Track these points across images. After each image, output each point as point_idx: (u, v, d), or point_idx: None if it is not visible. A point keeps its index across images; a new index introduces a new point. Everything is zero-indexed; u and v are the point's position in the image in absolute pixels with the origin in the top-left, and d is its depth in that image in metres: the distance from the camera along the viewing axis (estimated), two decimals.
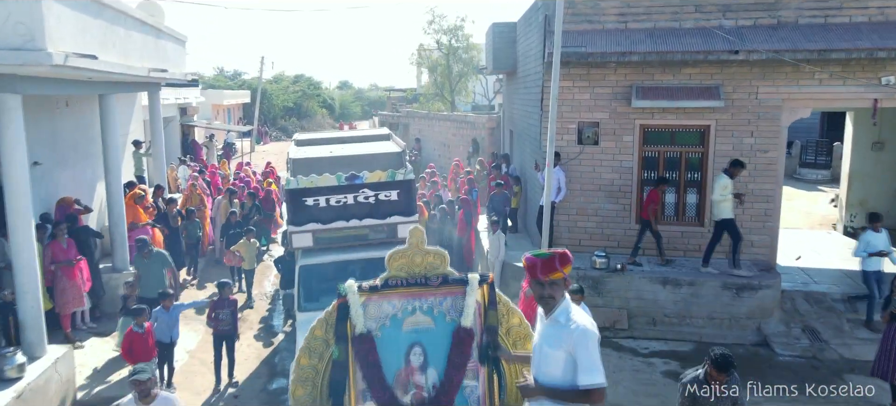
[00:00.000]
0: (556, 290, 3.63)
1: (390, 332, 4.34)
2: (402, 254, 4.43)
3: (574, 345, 3.53)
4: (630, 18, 10.86)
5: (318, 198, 8.39)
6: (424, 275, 4.41)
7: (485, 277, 4.47)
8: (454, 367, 4.30)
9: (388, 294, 4.36)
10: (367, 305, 4.31)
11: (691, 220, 11.13)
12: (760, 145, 10.60)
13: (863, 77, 9.99)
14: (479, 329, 4.39)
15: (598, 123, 11.05)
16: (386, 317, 4.36)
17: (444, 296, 4.41)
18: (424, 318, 4.40)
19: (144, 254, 9.18)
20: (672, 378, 8.71)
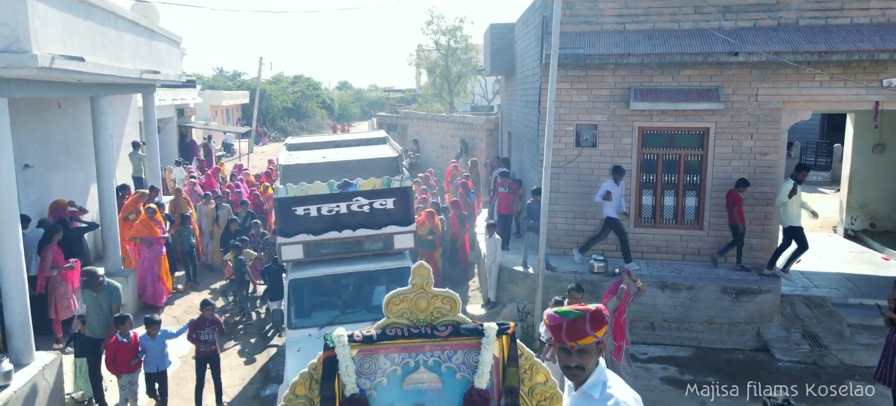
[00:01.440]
0: (589, 358, 2.92)
1: (388, 392, 3.69)
2: (403, 297, 3.72)
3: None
4: (628, 20, 10.74)
5: (309, 207, 7.87)
6: (431, 323, 3.72)
7: (505, 327, 3.76)
8: None
9: (386, 346, 3.67)
10: (361, 360, 3.64)
11: (690, 224, 11.01)
12: (760, 148, 10.48)
13: (864, 79, 9.87)
14: (495, 390, 3.72)
15: (596, 126, 10.93)
16: (383, 374, 3.70)
17: (454, 349, 3.72)
18: (430, 375, 3.72)
19: (94, 287, 7.69)
20: (671, 384, 8.61)
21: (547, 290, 9.48)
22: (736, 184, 10.25)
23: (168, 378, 7.92)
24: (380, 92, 71.13)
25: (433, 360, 3.68)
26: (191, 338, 7.87)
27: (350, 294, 7.96)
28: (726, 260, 10.71)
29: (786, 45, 9.86)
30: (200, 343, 7.83)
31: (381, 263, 7.83)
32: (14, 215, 6.97)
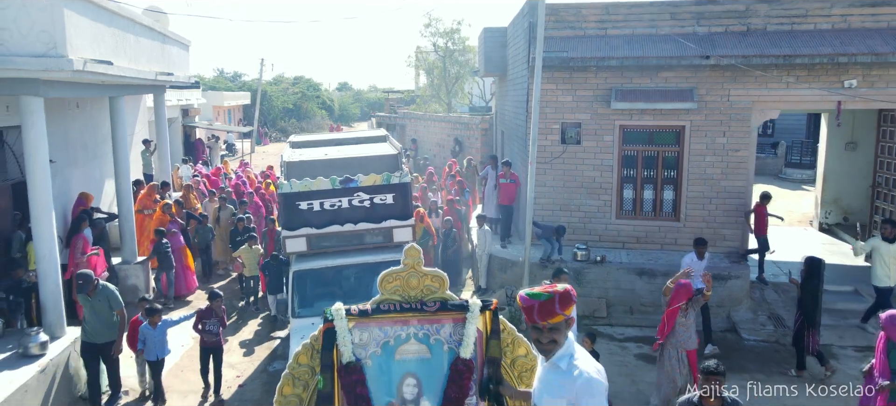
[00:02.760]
0: (559, 334, 3.19)
1: (381, 362, 4.01)
2: (396, 275, 4.06)
3: (578, 396, 3.12)
4: (610, 25, 11.52)
5: (312, 201, 8.14)
6: (421, 299, 4.04)
7: (488, 304, 4.08)
8: (451, 402, 3.97)
9: (379, 319, 4.00)
10: (357, 331, 3.96)
11: (668, 216, 11.78)
12: (732, 145, 11.25)
13: (827, 81, 10.64)
14: (479, 360, 4.04)
15: (580, 124, 11.70)
16: (377, 344, 4.01)
17: (441, 322, 4.03)
18: (419, 346, 4.03)
19: (89, 291, 7.42)
20: (643, 359, 9.38)
21: (534, 277, 10.24)
22: (760, 198, 11.18)
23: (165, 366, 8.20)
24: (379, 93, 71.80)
25: (423, 333, 3.99)
26: (196, 327, 8.18)
27: (351, 285, 8.28)
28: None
29: (754, 49, 10.64)
30: (205, 333, 8.10)
31: (380, 256, 8.04)
32: (48, 205, 7.74)
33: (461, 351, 3.95)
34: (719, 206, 11.40)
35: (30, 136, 7.49)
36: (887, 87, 10.46)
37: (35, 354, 7.19)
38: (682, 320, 7.46)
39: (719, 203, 11.39)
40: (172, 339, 8.53)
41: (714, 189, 11.38)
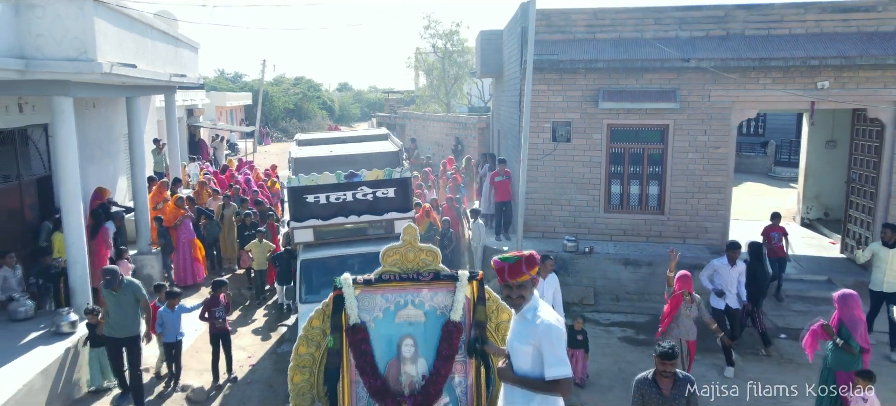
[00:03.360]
0: (526, 290, 3.74)
1: (383, 324, 4.55)
2: (396, 250, 4.65)
3: (540, 340, 3.66)
4: (597, 30, 12.20)
5: (318, 195, 8.60)
6: (417, 270, 4.60)
7: (474, 274, 4.63)
8: (443, 359, 4.51)
9: (381, 288, 4.57)
10: (362, 298, 4.52)
11: (653, 210, 12.45)
12: (713, 142, 11.93)
13: (801, 82, 11.31)
14: (467, 323, 4.57)
15: (570, 123, 12.37)
16: (379, 309, 4.56)
17: (435, 291, 4.58)
18: (416, 311, 4.58)
19: (115, 287, 7.50)
20: (626, 342, 10.06)
21: None
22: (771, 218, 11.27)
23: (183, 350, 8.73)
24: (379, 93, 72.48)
25: (419, 300, 4.59)
26: (203, 315, 8.55)
27: (354, 274, 9.04)
28: (685, 241, 12.13)
29: (732, 52, 11.32)
30: (214, 319, 8.48)
31: (382, 246, 8.81)
32: (77, 196, 8.43)
33: (452, 315, 4.55)
34: (701, 200, 12.08)
35: (60, 133, 8.17)
36: (857, 88, 11.13)
37: (66, 332, 7.88)
38: (685, 312, 7.81)
39: (701, 197, 12.07)
40: (187, 323, 9.15)
41: (696, 184, 12.06)
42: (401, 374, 4.60)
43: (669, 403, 5.12)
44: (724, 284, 8.84)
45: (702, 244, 12.03)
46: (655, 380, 5.16)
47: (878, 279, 9.27)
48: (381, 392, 4.44)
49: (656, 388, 5.13)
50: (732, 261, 8.77)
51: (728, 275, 8.75)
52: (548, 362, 3.65)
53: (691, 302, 7.83)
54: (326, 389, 4.53)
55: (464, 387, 4.66)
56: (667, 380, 5.12)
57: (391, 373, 4.56)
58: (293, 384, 4.65)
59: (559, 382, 3.66)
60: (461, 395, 4.63)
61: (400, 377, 4.59)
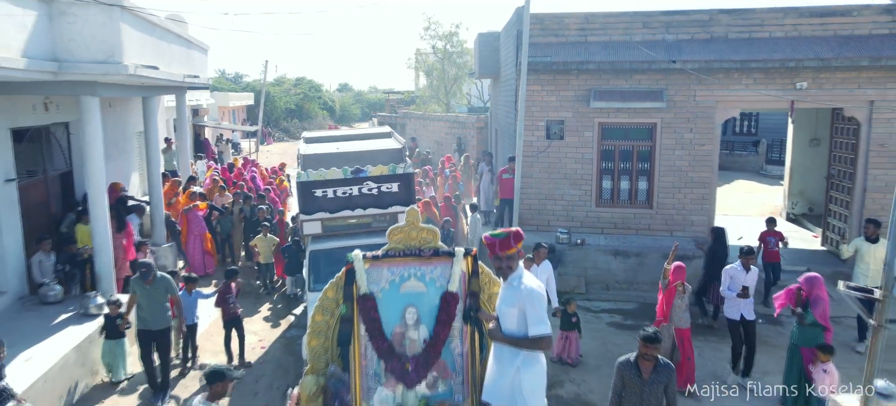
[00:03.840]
0: (513, 261, 4.39)
1: (389, 294, 5.05)
2: (400, 230, 5.18)
3: (524, 303, 4.26)
4: (589, 33, 12.85)
5: (326, 189, 9.04)
6: (419, 247, 5.12)
7: (469, 251, 5.15)
8: (441, 325, 5.02)
9: (387, 262, 5.10)
10: (370, 271, 5.04)
11: (642, 204, 13.09)
12: (698, 140, 12.56)
13: (781, 83, 11.95)
14: (463, 294, 5.06)
15: (563, 121, 13.01)
16: (386, 281, 5.06)
17: (434, 265, 5.09)
18: (418, 283, 5.08)
19: (149, 280, 7.86)
20: (614, 327, 10.71)
21: None
22: (766, 223, 11.51)
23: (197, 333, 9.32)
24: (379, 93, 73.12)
25: (420, 273, 5.14)
26: (218, 302, 9.07)
27: None
28: (673, 234, 12.78)
29: (716, 54, 11.96)
30: (227, 306, 9.02)
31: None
32: (102, 189, 9.07)
33: (449, 286, 5.11)
34: (687, 195, 12.72)
35: (88, 130, 8.82)
36: (834, 89, 11.77)
37: (93, 314, 8.52)
38: (678, 302, 8.09)
39: (687, 192, 12.71)
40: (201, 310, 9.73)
41: (682, 179, 12.70)
42: (405, 339, 5.17)
43: (648, 387, 5.37)
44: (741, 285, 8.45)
45: (688, 236, 12.66)
46: (637, 363, 5.41)
47: (859, 273, 9.49)
48: (387, 353, 5.04)
49: (636, 371, 5.39)
50: (746, 267, 8.48)
51: (744, 281, 8.47)
52: (531, 322, 4.26)
53: (683, 292, 8.11)
54: (339, 352, 5.13)
55: (460, 350, 5.22)
56: (648, 363, 5.36)
57: (396, 337, 5.13)
58: (310, 348, 5.23)
59: (541, 339, 4.28)
60: (458, 358, 5.18)
61: (404, 341, 5.16)
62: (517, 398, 4.42)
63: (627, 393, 5.43)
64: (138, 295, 7.92)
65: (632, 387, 5.38)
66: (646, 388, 5.33)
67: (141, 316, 7.94)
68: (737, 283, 8.46)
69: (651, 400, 5.35)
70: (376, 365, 5.18)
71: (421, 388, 5.14)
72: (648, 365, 5.35)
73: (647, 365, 5.35)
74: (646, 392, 5.34)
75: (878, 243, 9.32)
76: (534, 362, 4.47)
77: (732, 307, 8.48)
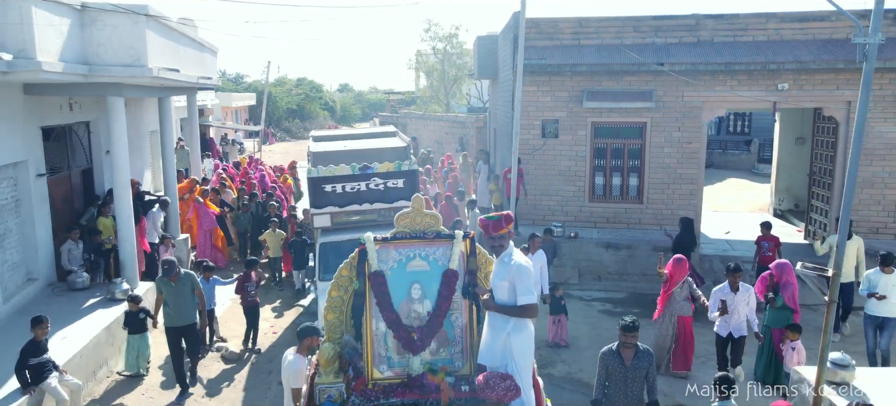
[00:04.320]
0: (504, 240, 4.88)
1: (396, 272, 5.50)
2: (406, 215, 5.70)
3: (513, 276, 4.78)
4: (582, 36, 13.51)
5: (335, 185, 9.42)
6: (423, 230, 5.54)
7: (467, 234, 5.69)
8: (443, 299, 5.47)
9: (395, 244, 5.54)
10: (380, 252, 5.49)
11: (632, 199, 13.76)
12: (686, 138, 13.23)
13: (763, 84, 12.62)
14: (462, 271, 5.47)
15: (557, 121, 13.67)
16: (394, 261, 5.50)
17: (436, 246, 5.53)
18: (422, 262, 5.54)
19: (173, 277, 8.08)
20: (605, 314, 11.38)
21: None
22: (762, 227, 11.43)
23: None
24: (380, 94, 73.71)
25: (424, 253, 5.59)
26: (238, 289, 9.62)
27: None
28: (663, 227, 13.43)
29: (702, 57, 12.63)
30: (247, 294, 9.58)
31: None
32: (127, 183, 9.73)
33: (450, 265, 5.60)
34: (676, 190, 13.39)
35: (114, 128, 9.50)
36: (814, 90, 12.44)
37: (119, 298, 9.18)
38: (677, 291, 8.52)
39: (676, 188, 13.38)
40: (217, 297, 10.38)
41: (671, 176, 13.37)
42: (410, 312, 5.70)
43: (631, 373, 5.68)
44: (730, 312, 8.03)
45: (677, 230, 13.30)
46: (619, 351, 5.76)
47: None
48: (395, 324, 5.60)
49: (619, 359, 5.74)
50: (733, 286, 8.03)
51: (732, 301, 8.01)
52: (519, 292, 4.85)
53: (683, 283, 8.51)
54: (353, 323, 5.65)
55: (460, 323, 5.75)
56: (628, 351, 5.71)
57: (403, 310, 5.64)
58: (326, 321, 5.78)
59: (528, 307, 4.86)
60: (457, 328, 5.71)
61: (410, 314, 5.71)
62: (508, 359, 5.04)
63: (612, 380, 5.81)
64: (165, 293, 8.09)
65: (616, 374, 5.76)
66: (629, 374, 5.71)
67: (168, 312, 8.10)
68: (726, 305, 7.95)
69: (634, 384, 5.76)
70: (385, 334, 5.75)
71: (425, 354, 5.67)
72: (629, 352, 5.71)
73: (628, 352, 5.72)
74: (629, 377, 5.74)
75: (851, 240, 9.71)
76: (522, 328, 5.09)
77: (721, 323, 8.15)
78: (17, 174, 9.11)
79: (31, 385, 6.59)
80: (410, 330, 5.70)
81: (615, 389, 5.80)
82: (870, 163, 12.49)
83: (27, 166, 9.22)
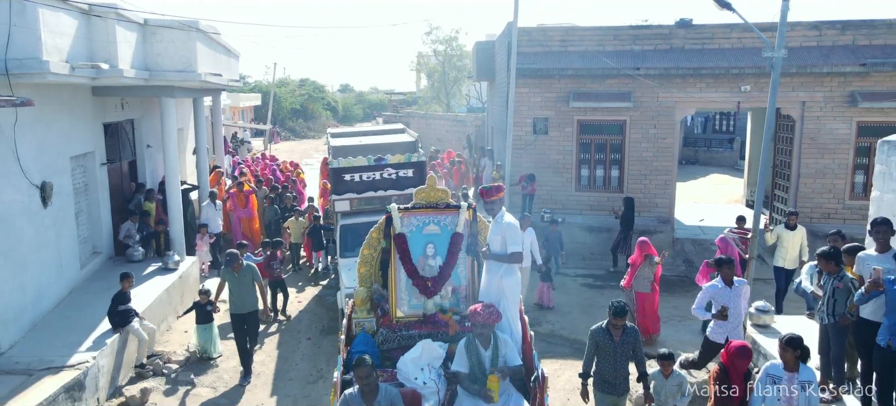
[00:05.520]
0: (497, 205, 6.28)
1: (415, 235, 6.78)
2: (422, 190, 6.90)
3: (504, 232, 6.10)
4: (569, 44, 15.18)
5: (353, 174, 10.69)
6: (435, 202, 6.82)
7: (470, 205, 6.77)
8: (451, 256, 6.73)
9: (414, 212, 6.84)
10: (402, 218, 6.76)
11: (614, 189, 15.43)
12: (661, 134, 14.90)
13: (728, 86, 14.30)
14: (466, 234, 6.75)
15: (547, 118, 15.33)
16: (413, 225, 6.75)
17: (446, 215, 6.81)
18: (435, 227, 6.84)
19: (235, 267, 8.70)
20: (586, 287, 13.04)
21: None
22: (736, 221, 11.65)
23: None
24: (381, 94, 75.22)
25: (436, 220, 7.08)
26: (264, 266, 10.68)
27: None
28: (640, 214, 15.09)
29: (674, 62, 14.30)
30: (272, 270, 10.95)
31: None
32: (176, 171, 11.39)
33: (456, 229, 7.10)
34: (653, 181, 15.06)
35: (167, 124, 11.16)
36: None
37: (171, 268, 10.85)
38: (642, 271, 9.52)
39: (652, 179, 15.04)
40: None
41: (648, 168, 15.04)
42: (425, 265, 7.17)
43: (620, 348, 6.35)
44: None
45: (653, 216, 15.00)
46: (608, 329, 6.39)
47: (779, 256, 10.59)
48: (414, 275, 7.08)
49: (609, 336, 6.37)
50: (727, 280, 7.32)
51: (728, 299, 7.27)
52: (509, 243, 6.36)
53: (650, 264, 9.42)
54: (380, 274, 7.19)
55: (464, 274, 7.29)
56: (617, 330, 6.35)
57: (420, 264, 7.10)
58: (360, 273, 7.27)
59: (514, 254, 6.36)
60: (462, 278, 7.23)
61: (425, 267, 7.19)
62: (501, 297, 6.61)
63: (601, 353, 6.45)
64: (229, 282, 8.80)
65: (605, 349, 6.40)
66: (618, 349, 6.37)
67: (232, 300, 8.81)
68: (717, 302, 7.26)
69: (622, 359, 6.43)
70: (406, 282, 7.28)
71: (436, 298, 7.20)
72: (618, 331, 6.35)
73: (617, 331, 6.35)
74: (618, 352, 6.40)
75: (796, 230, 10.55)
76: (511, 272, 6.65)
77: (717, 330, 7.35)
78: (86, 163, 10.75)
79: (119, 326, 8.26)
80: (425, 279, 7.14)
81: (604, 363, 6.45)
82: (821, 156, 14.17)
83: (94, 156, 10.87)
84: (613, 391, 6.46)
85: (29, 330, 8.20)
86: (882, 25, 13.94)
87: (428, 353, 6.30)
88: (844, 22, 14.11)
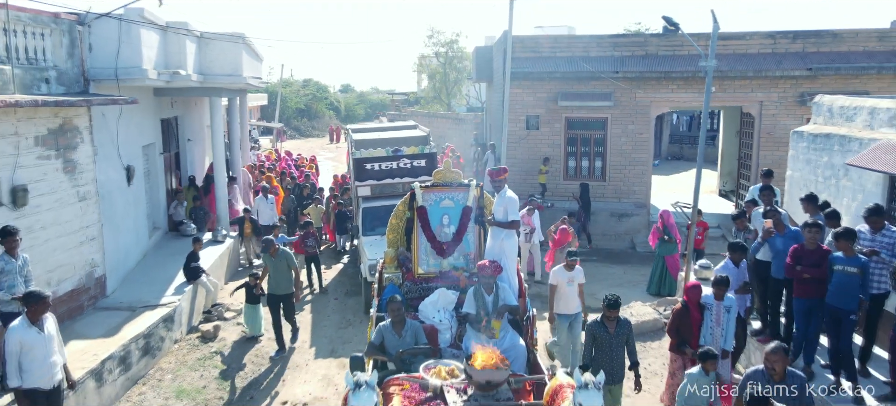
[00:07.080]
0: (502, 183, 7.31)
1: (433, 207, 7.93)
2: (440, 172, 8.19)
3: (506, 204, 7.14)
4: (557, 50, 17.25)
5: (373, 164, 12.23)
6: (450, 181, 8.01)
7: (478, 184, 8.07)
8: (462, 225, 7.89)
9: (433, 189, 8.00)
10: (424, 194, 7.92)
11: (598, 178, 17.49)
12: (638, 130, 16.95)
13: (696, 88, 16.33)
14: (475, 207, 7.90)
15: (538, 116, 17.37)
16: (431, 200, 7.88)
17: (458, 192, 7.97)
18: (449, 202, 7.99)
19: (271, 252, 9.58)
20: None
21: None
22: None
23: None
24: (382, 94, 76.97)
25: (451, 196, 8.59)
26: (299, 244, 12.31)
27: None
28: (621, 200, 17.15)
29: (649, 67, 16.36)
30: (307, 247, 12.52)
31: None
32: (222, 162, 13.45)
33: (467, 203, 8.70)
34: (631, 171, 17.12)
35: (215, 120, 13.22)
36: (735, 93, 16.19)
37: (220, 241, 12.90)
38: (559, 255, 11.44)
39: (631, 169, 17.11)
40: None
41: (627, 159, 17.09)
42: (441, 232, 8.87)
43: (615, 339, 6.88)
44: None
45: (631, 201, 17.07)
46: (603, 322, 6.90)
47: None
48: (433, 240, 8.64)
49: (604, 328, 6.89)
50: (736, 262, 7.93)
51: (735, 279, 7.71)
52: (509, 213, 7.94)
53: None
54: (405, 239, 8.77)
55: (472, 240, 8.94)
56: (611, 322, 6.90)
57: (437, 231, 8.70)
58: (388, 238, 8.94)
59: (513, 222, 7.97)
60: (471, 243, 8.93)
61: (441, 233, 8.90)
62: (502, 256, 8.29)
63: (598, 344, 6.98)
64: (268, 265, 9.74)
65: (602, 340, 6.92)
66: (613, 340, 6.91)
67: (269, 282, 9.76)
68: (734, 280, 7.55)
69: (618, 349, 6.98)
70: (426, 245, 9.12)
71: (450, 259, 8.92)
72: (612, 323, 6.87)
73: (611, 323, 6.87)
74: (613, 343, 6.94)
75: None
76: (511, 236, 8.30)
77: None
78: (150, 152, 12.79)
79: (191, 279, 10.31)
80: (442, 243, 8.86)
81: (601, 354, 6.96)
82: (777, 148, 16.22)
83: (155, 147, 12.92)
84: (610, 380, 6.75)
85: (122, 281, 10.27)
86: (828, 35, 16.04)
87: (443, 298, 7.57)
88: (795, 32, 16.20)
